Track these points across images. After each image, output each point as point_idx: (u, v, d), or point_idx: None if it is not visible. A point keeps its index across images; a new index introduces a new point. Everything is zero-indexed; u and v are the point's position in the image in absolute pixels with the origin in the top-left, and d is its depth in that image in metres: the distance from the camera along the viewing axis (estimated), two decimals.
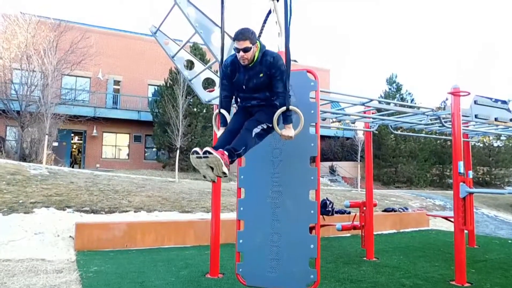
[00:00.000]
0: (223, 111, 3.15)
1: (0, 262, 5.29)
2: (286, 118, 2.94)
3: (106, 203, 8.77)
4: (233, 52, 3.00)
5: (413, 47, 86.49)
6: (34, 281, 4.47)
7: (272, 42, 3.41)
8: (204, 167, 2.71)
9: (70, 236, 6.78)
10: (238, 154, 2.88)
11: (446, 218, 8.40)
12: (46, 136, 12.28)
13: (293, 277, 3.27)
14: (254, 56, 2.91)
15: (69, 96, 20.08)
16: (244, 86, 3.03)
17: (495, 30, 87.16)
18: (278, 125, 2.96)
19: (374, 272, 5.34)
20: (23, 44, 16.28)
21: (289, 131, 2.96)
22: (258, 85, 2.98)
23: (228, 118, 3.15)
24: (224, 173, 2.68)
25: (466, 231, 6.01)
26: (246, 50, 2.82)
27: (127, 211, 8.56)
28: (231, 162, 2.83)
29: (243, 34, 2.81)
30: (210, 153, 2.63)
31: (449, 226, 9.87)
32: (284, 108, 2.89)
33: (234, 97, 3.22)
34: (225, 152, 2.75)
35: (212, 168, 2.70)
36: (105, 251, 6.29)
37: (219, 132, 3.17)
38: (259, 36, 3.32)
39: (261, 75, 2.94)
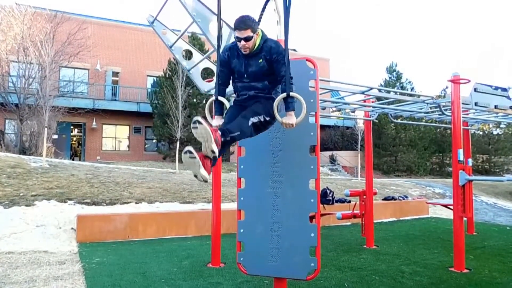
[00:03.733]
0: (221, 98, 2.98)
1: (3, 254, 5.33)
2: (288, 104, 2.80)
3: (107, 195, 8.80)
4: (231, 40, 2.92)
5: (414, 36, 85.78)
6: (37, 273, 4.51)
7: (271, 30, 3.37)
8: (196, 166, 2.49)
9: (72, 228, 6.82)
10: (232, 138, 2.67)
11: (445, 206, 8.44)
12: (46, 129, 12.26)
13: (294, 265, 3.30)
14: (255, 44, 2.80)
15: (68, 88, 19.97)
16: (243, 74, 2.92)
17: (496, 21, 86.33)
18: (279, 112, 2.82)
19: (374, 260, 5.39)
20: (19, 36, 16.13)
21: (290, 118, 2.79)
22: (258, 72, 2.87)
23: (227, 105, 2.99)
24: (212, 151, 2.47)
25: (465, 219, 6.05)
26: (247, 39, 2.72)
27: (128, 203, 8.60)
28: (223, 143, 2.61)
29: (244, 23, 2.69)
30: (200, 122, 2.42)
31: (448, 214, 9.92)
32: (285, 94, 2.76)
33: (232, 86, 3.10)
34: (218, 131, 2.59)
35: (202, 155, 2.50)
36: (107, 243, 6.34)
37: (214, 121, 2.98)
38: (258, 24, 3.24)
39: (261, 61, 2.83)
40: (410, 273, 4.70)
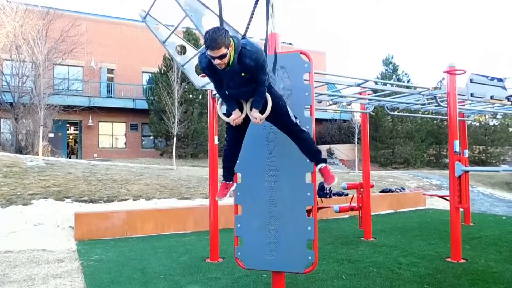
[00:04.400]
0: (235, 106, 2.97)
1: (1, 253, 5.32)
2: (253, 103, 2.91)
3: (105, 192, 8.79)
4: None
5: (411, 28, 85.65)
6: (36, 271, 4.51)
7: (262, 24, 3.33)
8: None
9: (69, 226, 6.81)
10: (319, 155, 3.19)
11: (442, 197, 8.50)
12: (41, 128, 12.19)
13: (292, 259, 3.31)
14: (230, 58, 2.61)
15: (62, 86, 19.83)
16: (227, 85, 2.86)
17: (493, 11, 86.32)
18: (251, 109, 2.93)
19: (371, 252, 5.42)
20: (12, 34, 15.94)
21: (256, 112, 2.91)
22: (242, 83, 2.80)
23: (244, 105, 2.99)
24: None
25: (461, 209, 6.09)
26: (222, 57, 2.53)
27: (126, 200, 8.59)
28: (324, 160, 3.22)
29: (215, 42, 2.46)
30: None
31: (445, 205, 9.98)
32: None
33: (219, 95, 3.09)
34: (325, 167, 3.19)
35: None
36: (105, 240, 6.34)
37: (233, 115, 2.96)
38: (248, 25, 3.08)
39: (243, 74, 2.73)
40: (408, 264, 4.74)
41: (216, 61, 2.56)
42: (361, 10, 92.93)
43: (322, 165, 3.19)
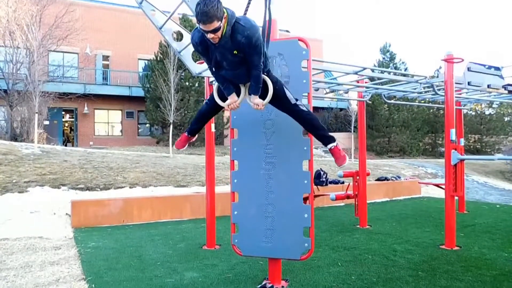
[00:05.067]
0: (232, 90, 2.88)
1: None
2: (250, 89, 2.82)
3: (101, 180, 8.78)
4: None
5: (409, 17, 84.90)
6: (33, 258, 4.52)
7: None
8: None
9: (66, 214, 6.81)
10: (326, 135, 3.10)
11: (437, 185, 8.56)
12: (36, 115, 12.08)
13: (288, 246, 3.34)
14: (224, 31, 2.46)
15: (57, 73, 19.59)
16: (220, 64, 2.73)
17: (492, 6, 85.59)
18: (250, 94, 2.84)
19: (367, 239, 5.48)
20: (5, 19, 15.64)
21: (255, 98, 2.83)
22: (235, 63, 2.66)
23: (242, 89, 2.90)
24: None
25: (456, 197, 6.15)
26: (215, 31, 2.39)
27: (122, 187, 8.59)
28: (333, 138, 3.12)
29: (207, 15, 2.31)
30: None
31: (440, 193, 10.09)
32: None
33: (213, 76, 2.97)
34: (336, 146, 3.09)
35: None
36: (102, 227, 6.35)
37: (229, 100, 2.90)
38: (246, 11, 2.92)
39: (236, 52, 2.57)
40: (402, 251, 4.79)
41: (209, 35, 2.42)
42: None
43: (332, 145, 3.07)
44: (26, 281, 3.77)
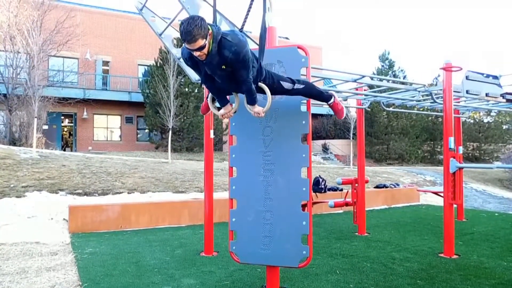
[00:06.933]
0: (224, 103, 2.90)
1: None
2: (247, 100, 2.85)
3: (99, 185, 8.75)
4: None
5: (408, 25, 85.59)
6: (29, 264, 4.48)
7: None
8: None
9: (63, 219, 6.78)
10: (324, 95, 3.18)
11: (436, 193, 8.57)
12: (35, 119, 12.08)
13: (286, 253, 3.32)
14: (210, 48, 2.44)
15: (57, 78, 19.63)
16: (211, 77, 2.74)
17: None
18: (248, 104, 2.88)
19: (365, 247, 5.46)
20: (6, 24, 15.71)
21: (255, 107, 2.86)
22: (225, 76, 2.66)
23: (235, 98, 2.94)
24: None
25: (455, 205, 6.14)
26: (200, 49, 2.38)
27: (120, 193, 8.56)
28: (331, 97, 3.22)
29: (190, 34, 2.29)
30: None
31: (439, 201, 10.08)
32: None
33: (206, 87, 3.02)
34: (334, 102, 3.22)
35: None
36: (99, 233, 6.32)
37: (222, 110, 2.94)
38: (245, 19, 2.97)
39: (224, 67, 2.56)
40: (401, 259, 4.77)
41: (196, 53, 2.42)
42: (359, 7, 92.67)
43: (331, 101, 3.25)
44: (21, 287, 3.74)
